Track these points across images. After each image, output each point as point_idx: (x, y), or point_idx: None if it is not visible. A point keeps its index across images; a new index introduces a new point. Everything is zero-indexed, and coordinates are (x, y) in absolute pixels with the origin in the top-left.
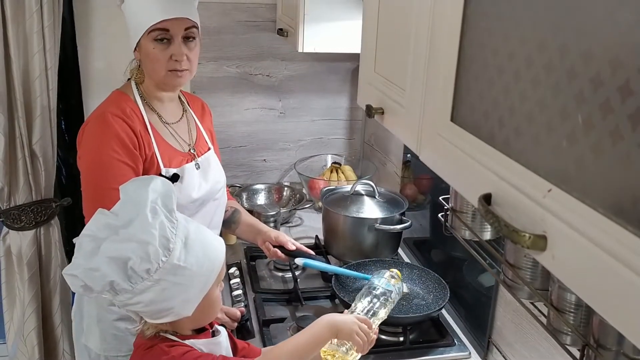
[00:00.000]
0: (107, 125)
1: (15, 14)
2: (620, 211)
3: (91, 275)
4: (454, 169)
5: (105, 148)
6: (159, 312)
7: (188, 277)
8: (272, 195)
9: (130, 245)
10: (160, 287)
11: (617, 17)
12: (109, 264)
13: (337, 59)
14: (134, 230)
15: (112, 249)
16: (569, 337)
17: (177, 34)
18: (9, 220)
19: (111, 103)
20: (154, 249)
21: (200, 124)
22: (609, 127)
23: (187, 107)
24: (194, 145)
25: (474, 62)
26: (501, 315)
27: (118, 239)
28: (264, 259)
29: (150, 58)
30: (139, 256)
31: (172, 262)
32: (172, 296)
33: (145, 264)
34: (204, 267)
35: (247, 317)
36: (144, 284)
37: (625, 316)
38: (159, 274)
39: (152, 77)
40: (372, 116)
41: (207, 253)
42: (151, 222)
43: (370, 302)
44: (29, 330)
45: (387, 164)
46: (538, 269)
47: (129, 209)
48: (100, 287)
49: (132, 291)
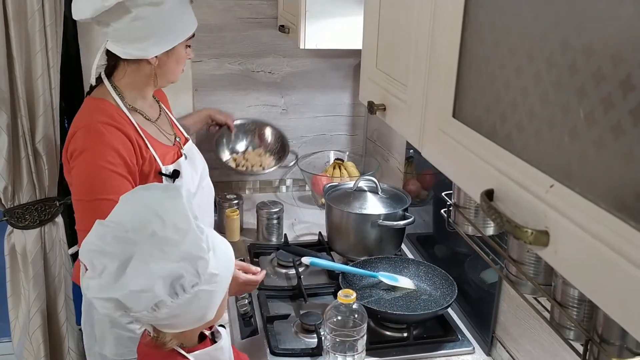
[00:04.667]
0: (100, 135)
1: (17, 13)
2: (622, 206)
3: (137, 297)
4: (456, 164)
5: (101, 161)
6: (187, 321)
7: (218, 283)
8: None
9: (182, 264)
10: (197, 298)
11: (618, 12)
12: (162, 284)
13: (339, 55)
14: (186, 247)
15: (164, 269)
16: (572, 332)
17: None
18: (13, 219)
19: (96, 111)
20: (203, 263)
21: (168, 111)
22: (611, 122)
23: (156, 99)
24: (176, 134)
25: (475, 58)
26: (505, 310)
27: (168, 257)
28: (268, 255)
29: (181, 62)
30: (190, 272)
31: (210, 272)
32: (203, 305)
33: (195, 278)
34: (228, 268)
35: (251, 314)
36: (184, 297)
37: (627, 311)
38: (200, 285)
39: (169, 79)
40: (374, 112)
41: (226, 253)
42: (200, 237)
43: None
44: (34, 329)
45: (389, 160)
46: (541, 265)
47: (148, 221)
48: (143, 307)
49: (171, 307)
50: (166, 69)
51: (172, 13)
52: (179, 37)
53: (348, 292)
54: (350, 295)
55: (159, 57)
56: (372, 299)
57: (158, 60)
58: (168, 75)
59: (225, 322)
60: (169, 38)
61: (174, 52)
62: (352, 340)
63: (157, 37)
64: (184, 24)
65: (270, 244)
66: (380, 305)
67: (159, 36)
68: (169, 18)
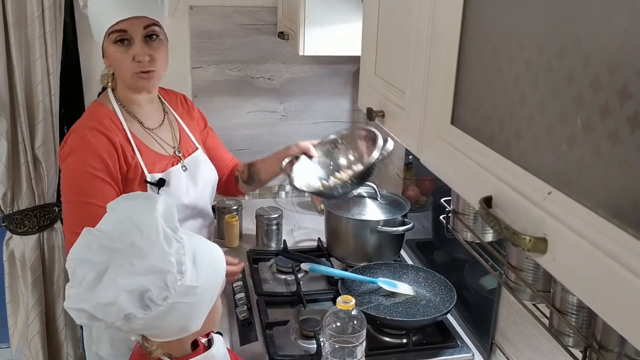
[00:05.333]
0: (86, 141)
1: (17, 20)
2: (620, 214)
3: (106, 309)
4: (455, 171)
5: (84, 165)
6: (168, 332)
7: (199, 295)
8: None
9: (149, 277)
10: (173, 309)
11: (614, 21)
12: (127, 297)
13: (338, 61)
14: (153, 260)
15: (130, 282)
16: (571, 338)
17: (136, 34)
18: (12, 224)
19: (90, 117)
20: (172, 277)
21: (183, 121)
22: (608, 130)
23: (167, 107)
24: (178, 147)
25: (473, 66)
26: (504, 316)
27: (134, 271)
28: (267, 261)
29: (114, 62)
30: (158, 285)
31: (186, 284)
32: (184, 316)
33: (163, 292)
34: (212, 279)
35: (250, 320)
36: (157, 309)
37: (625, 318)
38: (174, 297)
39: (122, 81)
40: (372, 119)
41: (212, 265)
42: (168, 251)
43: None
44: (32, 335)
45: (389, 166)
46: (540, 271)
47: (129, 231)
48: (113, 319)
49: (145, 318)
50: (115, 71)
51: (91, 12)
52: (99, 37)
53: (347, 299)
54: (350, 301)
55: (105, 59)
56: (371, 305)
57: (108, 63)
58: (119, 77)
59: (223, 329)
60: (95, 38)
61: (105, 53)
62: (351, 347)
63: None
64: (101, 20)
65: (269, 250)
66: (379, 312)
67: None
68: (92, 15)
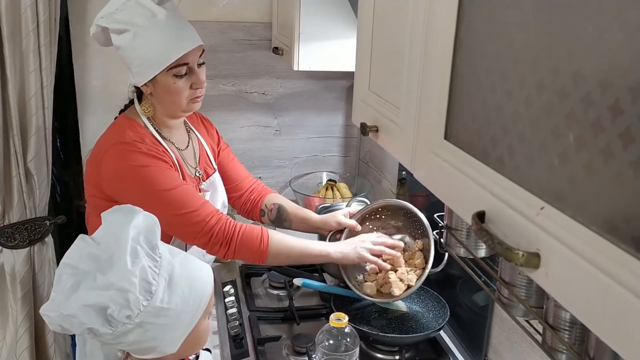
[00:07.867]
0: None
1: (12, 33)
2: (612, 229)
3: (68, 320)
4: (448, 186)
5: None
6: (144, 350)
7: (173, 317)
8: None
9: (109, 293)
10: (142, 329)
11: (606, 38)
12: (86, 312)
13: (332, 77)
14: (113, 277)
15: (89, 297)
16: (564, 355)
17: (195, 63)
18: (3, 238)
19: (126, 130)
20: (134, 296)
21: (204, 140)
22: (600, 146)
23: (190, 126)
24: (198, 167)
25: (466, 81)
26: (497, 333)
27: (96, 286)
28: (259, 276)
29: (172, 92)
30: (118, 303)
31: (155, 305)
32: (155, 336)
33: (125, 310)
34: (190, 303)
35: (242, 336)
36: (125, 327)
37: (618, 334)
38: (141, 317)
39: (170, 108)
40: (366, 134)
41: (194, 287)
42: (131, 269)
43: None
44: (21, 350)
45: (382, 181)
46: (533, 287)
47: (111, 243)
48: (79, 331)
49: (113, 334)
50: (159, 98)
51: (144, 43)
52: (155, 67)
53: (340, 316)
54: (343, 319)
55: (149, 86)
56: (364, 321)
57: (149, 89)
58: (164, 105)
59: (214, 345)
60: (142, 68)
61: (158, 82)
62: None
63: (134, 67)
64: (159, 54)
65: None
66: (372, 328)
67: (135, 66)
68: (140, 48)
